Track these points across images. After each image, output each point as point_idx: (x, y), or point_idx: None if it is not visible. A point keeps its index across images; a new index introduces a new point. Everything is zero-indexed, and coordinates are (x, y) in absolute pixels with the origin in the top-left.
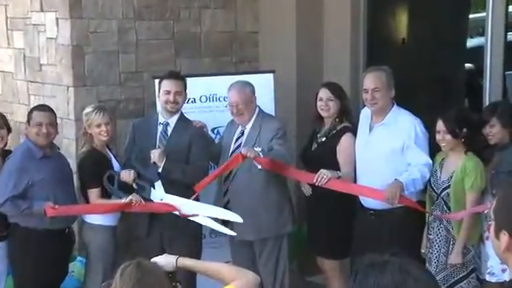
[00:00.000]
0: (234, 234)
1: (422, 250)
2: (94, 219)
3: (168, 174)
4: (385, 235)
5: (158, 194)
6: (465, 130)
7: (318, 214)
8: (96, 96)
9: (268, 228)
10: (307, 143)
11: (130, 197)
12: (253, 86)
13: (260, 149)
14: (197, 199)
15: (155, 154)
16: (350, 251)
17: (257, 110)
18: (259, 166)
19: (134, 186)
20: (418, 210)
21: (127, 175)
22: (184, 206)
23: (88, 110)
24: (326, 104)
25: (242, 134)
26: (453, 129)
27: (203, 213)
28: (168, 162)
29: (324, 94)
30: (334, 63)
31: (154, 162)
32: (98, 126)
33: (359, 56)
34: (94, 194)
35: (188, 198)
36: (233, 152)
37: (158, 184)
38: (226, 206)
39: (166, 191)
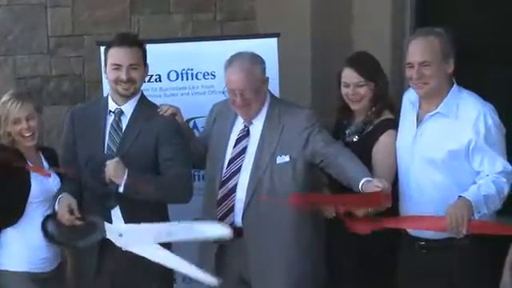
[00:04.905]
0: (215, 283)
1: None
2: (8, 263)
3: (134, 193)
4: (442, 277)
5: (115, 228)
6: None
7: (345, 245)
8: (12, 70)
9: (305, 279)
10: None
11: None
12: (263, 62)
13: (288, 158)
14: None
15: (110, 168)
16: None
17: (268, 96)
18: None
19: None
20: (498, 234)
21: (63, 211)
22: (147, 250)
23: (2, 99)
24: (354, 92)
25: (248, 132)
26: None
27: (172, 264)
28: (132, 174)
29: (350, 76)
30: (368, 24)
31: (111, 180)
32: (16, 121)
33: (405, 13)
34: None
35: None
36: (232, 160)
37: (115, 212)
38: (233, 242)
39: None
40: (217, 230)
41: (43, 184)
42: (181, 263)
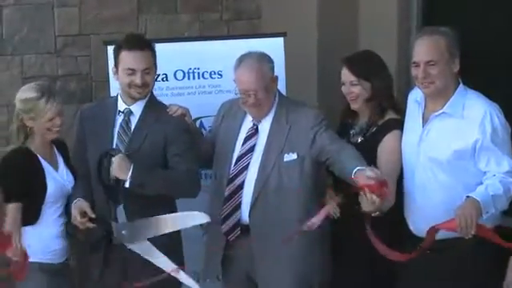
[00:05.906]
0: None
1: None
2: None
3: (141, 188)
4: (447, 278)
5: (120, 226)
6: None
7: (349, 247)
8: (20, 70)
9: (311, 276)
10: None
11: None
12: (272, 61)
13: (295, 156)
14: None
15: (114, 164)
16: None
17: (277, 95)
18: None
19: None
20: (500, 245)
21: (75, 214)
22: (144, 250)
23: (29, 93)
24: (349, 91)
25: (256, 130)
26: None
27: (163, 266)
28: (137, 169)
29: (345, 75)
30: (375, 23)
31: (117, 178)
32: (51, 119)
33: (412, 11)
34: (12, 210)
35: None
36: (240, 158)
37: (120, 210)
38: (240, 240)
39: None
40: (196, 219)
41: (57, 182)
42: (170, 266)
